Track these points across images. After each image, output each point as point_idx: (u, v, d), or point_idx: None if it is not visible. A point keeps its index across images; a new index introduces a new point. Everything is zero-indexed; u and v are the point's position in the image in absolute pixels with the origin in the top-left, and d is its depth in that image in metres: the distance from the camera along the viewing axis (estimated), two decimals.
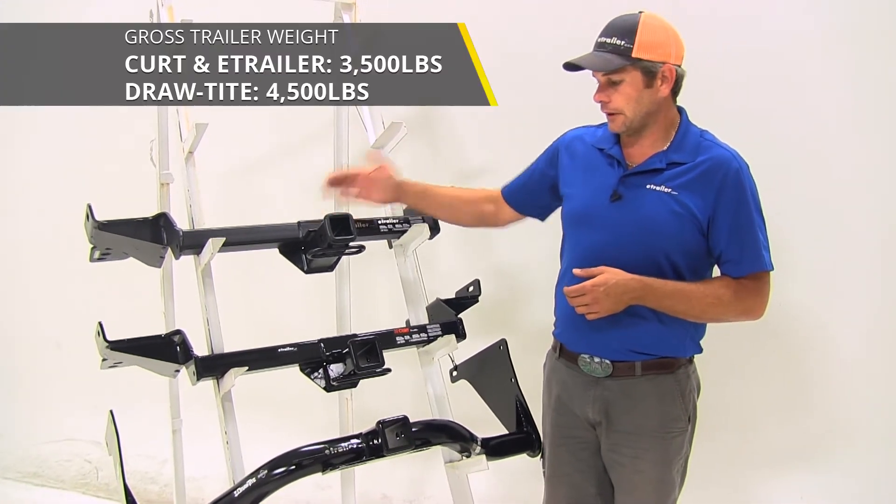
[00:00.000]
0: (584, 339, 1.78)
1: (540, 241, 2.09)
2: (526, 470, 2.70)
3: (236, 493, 1.68)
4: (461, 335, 2.15)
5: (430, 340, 2.11)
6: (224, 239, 1.86)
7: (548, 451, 1.97)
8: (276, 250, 2.08)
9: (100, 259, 1.98)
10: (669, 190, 1.71)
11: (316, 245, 2.01)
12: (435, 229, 2.22)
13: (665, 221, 1.70)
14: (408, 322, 2.19)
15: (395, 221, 2.17)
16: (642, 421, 1.77)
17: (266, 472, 1.70)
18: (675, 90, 1.76)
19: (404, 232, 2.17)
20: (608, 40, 1.70)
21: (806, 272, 2.43)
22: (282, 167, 3.17)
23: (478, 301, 2.26)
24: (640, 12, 1.72)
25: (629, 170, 1.76)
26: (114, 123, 3.30)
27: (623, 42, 1.68)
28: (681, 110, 1.80)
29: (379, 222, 2.14)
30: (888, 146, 2.35)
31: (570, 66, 1.75)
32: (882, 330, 2.40)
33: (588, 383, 1.82)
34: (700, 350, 1.83)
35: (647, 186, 1.73)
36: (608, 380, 1.78)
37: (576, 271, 1.71)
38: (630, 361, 1.76)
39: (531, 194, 2.00)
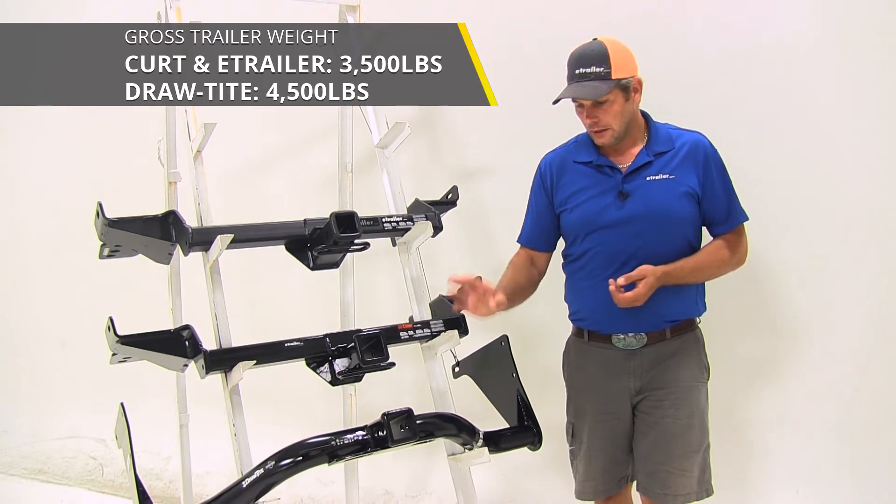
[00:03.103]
0: (618, 321, 2.00)
1: None
2: (527, 464, 2.75)
3: (244, 484, 1.72)
4: (463, 331, 2.17)
5: (433, 336, 2.14)
6: (232, 236, 1.89)
7: (586, 427, 2.10)
8: (281, 248, 2.11)
9: (109, 256, 2.00)
10: (667, 175, 1.97)
11: (322, 242, 2.04)
12: (438, 227, 2.24)
13: (674, 204, 1.96)
14: (411, 318, 2.21)
15: (399, 219, 2.19)
16: (677, 375, 2.01)
17: (274, 462, 1.73)
18: None
19: (408, 230, 2.19)
20: (587, 70, 1.91)
21: (806, 269, 2.47)
22: (286, 166, 3.20)
23: None
24: (595, 39, 1.95)
25: (626, 170, 1.99)
26: (119, 123, 3.34)
27: (602, 68, 1.90)
28: (643, 112, 2.04)
29: (383, 220, 2.16)
30: (886, 145, 2.38)
31: (558, 101, 1.97)
32: (881, 327, 2.43)
33: (625, 356, 2.02)
34: (706, 308, 2.09)
35: (647, 179, 1.98)
36: (643, 349, 2.01)
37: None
38: (661, 330, 2.00)
39: (550, 231, 2.15)
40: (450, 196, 2.44)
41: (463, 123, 2.91)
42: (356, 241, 2.06)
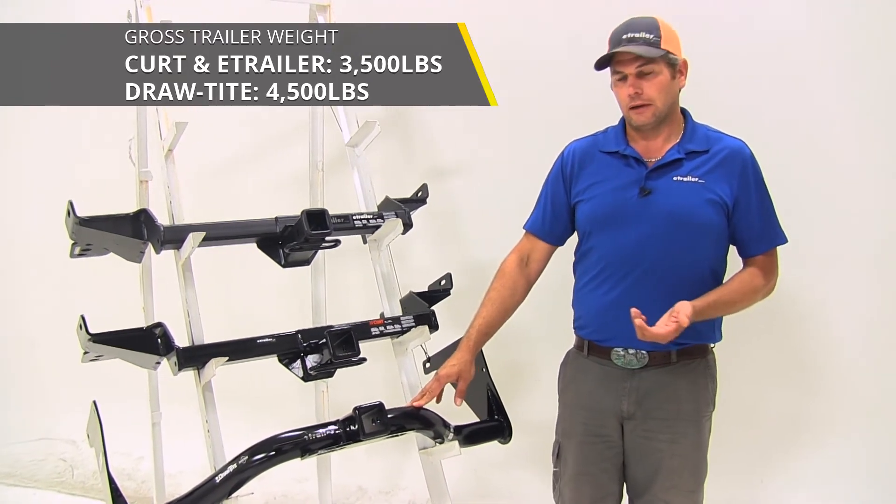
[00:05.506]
0: (619, 333, 1.83)
1: (510, 236, 2.15)
2: (498, 460, 2.79)
3: (218, 479, 1.73)
4: (434, 326, 2.21)
5: (403, 331, 2.17)
6: (204, 233, 1.90)
7: (574, 449, 1.94)
8: (253, 245, 2.13)
9: (80, 255, 2.01)
10: (696, 179, 1.80)
11: (293, 239, 2.06)
12: (408, 225, 2.28)
13: (698, 209, 1.79)
14: (382, 314, 2.25)
15: (369, 217, 2.22)
16: (679, 406, 1.83)
17: (247, 457, 1.75)
18: None
19: (378, 227, 2.22)
20: (636, 35, 1.77)
21: (808, 267, 2.49)
22: (258, 164, 3.20)
23: (450, 294, 2.32)
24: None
25: (652, 165, 1.83)
26: (93, 123, 3.32)
27: (651, 35, 1.77)
28: (683, 109, 1.90)
29: (354, 218, 2.18)
30: (888, 143, 2.44)
31: (602, 63, 1.81)
32: (881, 326, 2.48)
33: (623, 376, 1.85)
34: (722, 336, 1.91)
35: (674, 178, 1.81)
36: (643, 371, 1.84)
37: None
38: (666, 350, 1.82)
39: (559, 222, 1.98)
40: (420, 194, 2.46)
41: (433, 122, 2.93)
42: (327, 238, 2.09)
